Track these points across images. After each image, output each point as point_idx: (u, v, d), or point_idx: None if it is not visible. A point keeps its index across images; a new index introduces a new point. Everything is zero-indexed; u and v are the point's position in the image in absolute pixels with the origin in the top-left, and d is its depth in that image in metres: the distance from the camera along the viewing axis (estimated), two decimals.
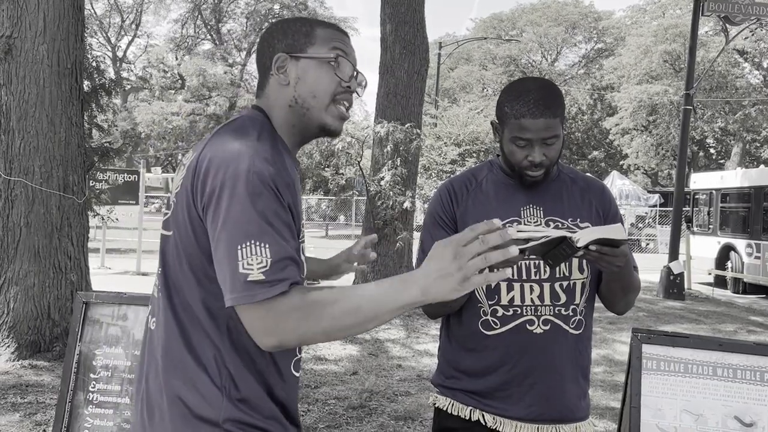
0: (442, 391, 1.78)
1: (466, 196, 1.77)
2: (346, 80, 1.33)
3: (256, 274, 1.10)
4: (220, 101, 33.07)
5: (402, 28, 9.09)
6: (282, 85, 1.31)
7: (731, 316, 9.48)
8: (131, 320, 2.32)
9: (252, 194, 1.12)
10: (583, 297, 1.71)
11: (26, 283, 5.21)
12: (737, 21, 11.68)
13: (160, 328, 1.26)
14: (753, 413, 2.04)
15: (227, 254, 1.12)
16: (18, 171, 5.23)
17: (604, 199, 1.79)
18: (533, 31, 41.68)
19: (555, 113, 1.61)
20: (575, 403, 1.72)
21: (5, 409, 4.17)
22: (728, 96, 30.44)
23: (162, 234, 1.29)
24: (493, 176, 1.79)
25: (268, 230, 1.12)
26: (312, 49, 1.31)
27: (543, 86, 1.64)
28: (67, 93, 5.40)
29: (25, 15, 5.24)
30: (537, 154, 1.63)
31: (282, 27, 1.35)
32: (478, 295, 1.69)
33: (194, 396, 1.20)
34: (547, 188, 1.74)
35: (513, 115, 1.63)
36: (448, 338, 1.79)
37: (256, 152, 1.16)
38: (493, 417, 1.69)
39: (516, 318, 1.67)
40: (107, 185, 11.11)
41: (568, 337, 1.69)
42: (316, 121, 1.32)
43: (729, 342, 2.17)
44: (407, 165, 8.89)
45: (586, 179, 1.83)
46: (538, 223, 1.71)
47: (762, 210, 12.09)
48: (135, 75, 37.79)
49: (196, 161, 1.21)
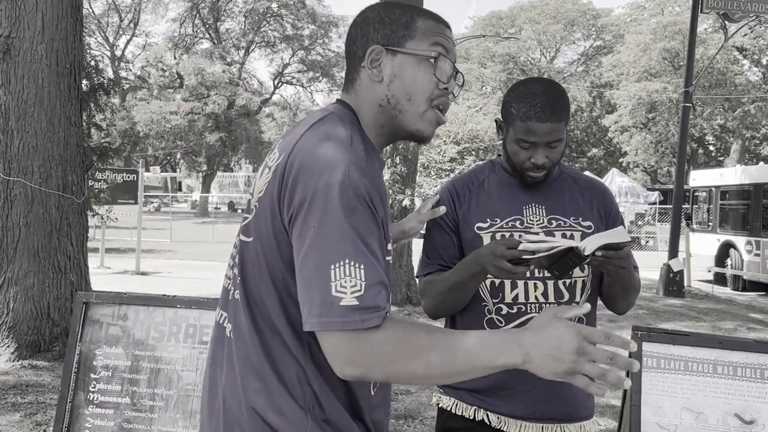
0: (446, 391, 1.77)
1: (468, 196, 1.77)
2: (444, 81, 1.21)
3: (349, 299, 1.00)
4: (218, 100, 33.05)
5: None
6: (374, 80, 1.19)
7: (731, 313, 9.49)
8: (131, 320, 2.32)
9: (347, 209, 1.02)
10: (584, 295, 1.72)
11: (26, 283, 5.21)
12: (736, 18, 11.68)
13: (238, 337, 1.16)
14: (753, 411, 2.05)
15: (318, 273, 1.01)
16: (17, 171, 5.22)
17: (605, 199, 1.80)
18: (532, 28, 41.65)
19: (561, 117, 1.63)
20: (579, 402, 1.73)
21: (5, 410, 4.17)
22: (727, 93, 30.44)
23: (241, 239, 1.18)
24: (495, 176, 1.79)
25: (363, 250, 1.02)
26: (411, 43, 1.19)
27: (550, 89, 1.65)
28: (65, 93, 5.39)
29: (23, 15, 5.24)
30: (540, 156, 1.64)
31: (379, 14, 1.21)
32: (482, 293, 1.69)
33: (277, 416, 1.10)
34: (549, 187, 1.75)
35: (519, 117, 1.63)
36: None
37: (351, 161, 1.05)
38: (498, 416, 1.68)
39: (520, 315, 1.67)
40: (106, 185, 11.10)
41: None
42: (408, 126, 1.21)
43: (729, 339, 2.17)
44: (406, 163, 8.89)
45: (588, 180, 1.84)
46: (541, 221, 1.71)
47: (762, 207, 12.09)
48: (133, 74, 37.76)
49: (284, 166, 1.10)
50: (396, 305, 8.44)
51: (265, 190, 1.13)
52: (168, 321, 2.30)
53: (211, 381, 1.24)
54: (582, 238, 1.68)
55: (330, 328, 1.01)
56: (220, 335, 1.23)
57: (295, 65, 40.04)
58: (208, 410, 1.23)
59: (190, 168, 41.87)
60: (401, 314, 8.10)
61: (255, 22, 38.55)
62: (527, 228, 1.70)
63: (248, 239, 1.16)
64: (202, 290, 8.66)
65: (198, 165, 39.48)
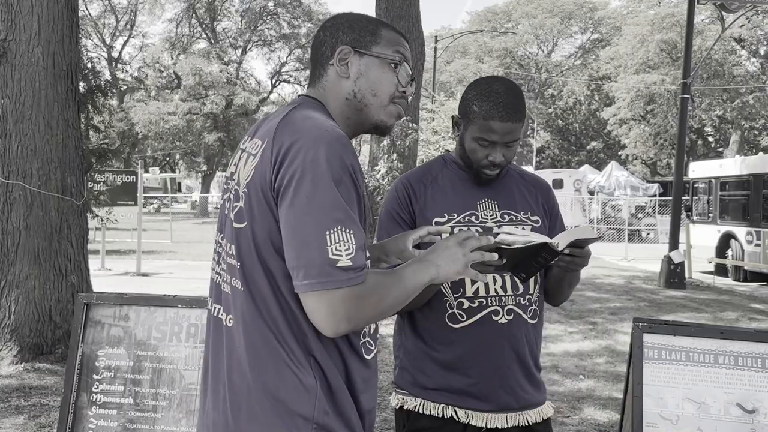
0: (411, 391, 1.77)
1: (423, 191, 1.79)
2: (403, 86, 1.35)
3: (345, 260, 1.12)
4: (216, 100, 33.01)
5: (397, 22, 9.07)
6: (342, 77, 1.32)
7: (732, 304, 9.49)
8: (133, 320, 2.32)
9: (335, 180, 1.14)
10: (536, 287, 1.77)
11: (27, 286, 5.22)
12: (733, 8, 11.66)
13: (239, 325, 1.23)
14: (755, 400, 2.05)
15: (315, 238, 1.12)
16: (16, 174, 5.22)
17: (549, 196, 1.87)
18: (529, 22, 41.60)
19: (520, 117, 1.67)
20: (536, 389, 1.78)
21: (9, 412, 4.18)
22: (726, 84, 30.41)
23: (234, 227, 1.25)
24: (448, 171, 1.82)
25: (351, 216, 1.15)
26: (377, 47, 1.33)
27: (511, 89, 1.69)
28: (63, 95, 5.39)
29: (19, 17, 5.23)
30: (498, 155, 1.69)
31: (348, 20, 1.35)
32: (443, 288, 1.71)
33: (287, 391, 1.19)
34: (499, 183, 1.80)
35: (482, 115, 1.67)
36: (415, 334, 1.77)
37: (334, 137, 1.17)
38: (465, 412, 1.71)
39: (482, 309, 1.70)
40: (105, 186, 11.10)
41: (528, 327, 1.74)
42: (372, 118, 1.35)
43: (730, 329, 2.18)
44: (404, 160, 8.89)
45: (533, 176, 1.91)
46: (494, 216, 1.76)
47: (762, 197, 12.09)
48: (131, 75, 37.72)
49: (271, 148, 1.20)
50: None
51: (252, 176, 1.21)
52: (169, 321, 2.30)
53: (213, 372, 1.29)
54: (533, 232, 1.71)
55: (331, 287, 1.12)
56: (218, 327, 1.30)
57: (292, 64, 40.03)
58: (213, 400, 1.28)
59: (189, 168, 41.86)
60: None
61: (251, 21, 38.50)
62: (482, 222, 1.75)
63: (241, 225, 1.23)
64: (203, 290, 8.65)
65: (197, 165, 39.46)
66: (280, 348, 1.19)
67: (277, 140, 1.19)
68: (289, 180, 1.15)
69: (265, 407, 1.19)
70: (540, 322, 1.80)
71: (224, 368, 1.25)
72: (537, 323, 1.77)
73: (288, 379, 1.19)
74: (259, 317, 1.21)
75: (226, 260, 1.28)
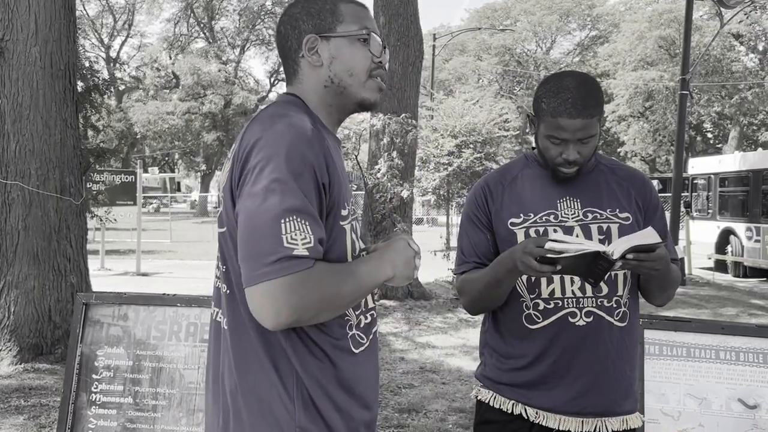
0: (486, 384, 1.77)
1: (501, 191, 1.75)
2: (377, 56, 1.32)
3: (301, 250, 1.11)
4: (215, 99, 32.99)
5: (395, 20, 9.05)
6: (315, 66, 1.29)
7: (732, 300, 9.50)
8: (132, 320, 2.31)
9: (294, 173, 1.13)
10: (626, 288, 1.69)
11: (26, 287, 5.21)
12: (731, 4, 11.65)
13: (230, 328, 1.25)
14: (756, 395, 2.04)
15: (272, 227, 1.11)
16: (14, 174, 5.21)
17: (644, 189, 1.76)
18: (527, 20, 41.56)
19: (593, 113, 1.60)
20: (622, 396, 1.69)
21: (9, 413, 4.17)
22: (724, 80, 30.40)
23: (218, 232, 1.28)
24: (529, 170, 1.77)
25: (309, 209, 1.13)
26: (341, 27, 1.30)
27: (582, 84, 1.62)
28: (61, 95, 5.38)
29: (16, 17, 5.22)
30: (572, 152, 1.62)
31: (304, 7, 1.31)
32: (519, 289, 1.69)
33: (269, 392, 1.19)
34: (584, 180, 1.72)
35: (550, 112, 1.61)
36: (496, 331, 1.77)
37: (297, 133, 1.17)
38: (536, 411, 1.68)
39: (558, 311, 1.65)
40: (104, 186, 11.08)
41: (613, 329, 1.66)
42: (354, 98, 1.32)
43: (731, 325, 2.17)
44: (404, 157, 8.87)
45: (626, 169, 1.81)
46: (576, 215, 1.69)
47: (761, 193, 12.08)
48: (129, 75, 37.68)
49: (237, 149, 1.21)
50: (398, 300, 8.44)
51: (227, 179, 1.23)
52: (168, 320, 2.29)
53: (213, 373, 1.31)
54: (620, 231, 1.66)
55: (286, 273, 1.09)
56: (217, 329, 1.31)
57: None
58: (212, 402, 1.30)
59: (188, 168, 41.83)
60: (403, 308, 8.11)
61: (249, 20, 38.46)
62: (562, 222, 1.68)
63: (222, 229, 1.26)
64: (203, 290, 8.65)
65: (196, 165, 39.44)
66: (261, 349, 1.20)
67: (244, 140, 1.20)
68: (248, 174, 1.15)
69: (250, 408, 1.20)
70: (633, 326, 1.71)
71: (220, 370, 1.27)
72: (627, 326, 1.69)
73: (269, 381, 1.19)
74: (243, 319, 1.21)
75: (219, 265, 1.30)
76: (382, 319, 7.24)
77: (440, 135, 11.35)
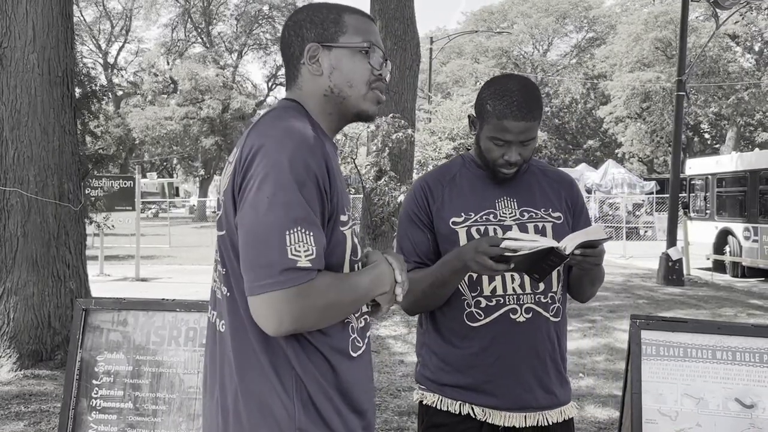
0: (429, 387, 1.78)
1: (441, 190, 1.79)
2: (378, 68, 1.34)
3: (304, 261, 1.12)
4: (213, 104, 33.00)
5: (392, 24, 9.08)
6: (315, 74, 1.30)
7: (731, 300, 9.51)
8: (131, 325, 2.32)
9: (298, 182, 1.14)
10: (560, 284, 1.76)
11: (26, 293, 5.21)
12: (726, 5, 11.69)
13: (228, 330, 1.25)
14: (753, 395, 2.06)
15: (275, 238, 1.12)
16: (13, 181, 5.22)
17: (572, 191, 1.84)
18: (524, 22, 41.64)
19: (535, 116, 1.66)
20: (559, 388, 1.76)
21: (9, 419, 4.17)
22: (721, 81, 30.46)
23: (218, 235, 1.29)
24: (466, 171, 1.81)
25: (312, 219, 1.14)
26: (344, 38, 1.31)
27: (525, 87, 1.67)
28: (59, 101, 5.39)
29: (14, 24, 5.23)
30: (513, 154, 1.67)
31: (309, 15, 1.32)
32: (461, 287, 1.71)
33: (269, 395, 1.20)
34: (519, 180, 1.78)
35: (495, 114, 1.65)
36: (436, 331, 1.79)
37: (300, 140, 1.17)
38: (483, 409, 1.70)
39: (499, 308, 1.69)
40: (103, 192, 11.07)
41: (549, 324, 1.73)
42: (353, 109, 1.34)
43: (727, 325, 2.18)
44: (401, 161, 8.88)
45: (557, 172, 1.88)
46: (513, 214, 1.74)
47: (758, 193, 12.11)
48: (126, 81, 37.69)
49: (239, 154, 1.21)
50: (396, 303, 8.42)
51: (228, 184, 1.23)
52: (168, 325, 2.30)
53: (210, 377, 1.32)
54: (553, 229, 1.72)
55: (290, 285, 1.11)
56: (213, 333, 1.32)
57: None
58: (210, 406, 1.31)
59: (186, 173, 41.84)
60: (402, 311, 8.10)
61: (247, 24, 38.51)
62: (501, 221, 1.73)
63: (222, 233, 1.27)
64: (203, 295, 8.65)
65: (195, 169, 39.45)
66: (261, 351, 1.21)
67: (246, 145, 1.21)
68: (251, 181, 1.15)
69: (250, 410, 1.21)
70: (564, 320, 1.78)
71: (218, 373, 1.28)
72: (560, 321, 1.76)
73: (269, 383, 1.20)
74: (243, 322, 1.22)
75: (218, 267, 1.31)
76: (381, 323, 7.24)
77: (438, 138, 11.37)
